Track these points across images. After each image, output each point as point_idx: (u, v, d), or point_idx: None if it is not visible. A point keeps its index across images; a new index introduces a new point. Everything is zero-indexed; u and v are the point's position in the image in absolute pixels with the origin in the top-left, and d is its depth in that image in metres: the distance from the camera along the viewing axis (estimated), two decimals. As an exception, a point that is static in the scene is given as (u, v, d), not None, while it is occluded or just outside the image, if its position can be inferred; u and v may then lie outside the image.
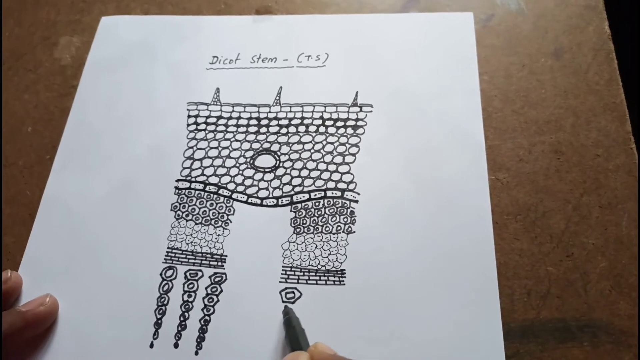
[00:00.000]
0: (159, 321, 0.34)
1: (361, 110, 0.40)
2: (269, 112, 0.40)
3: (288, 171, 0.38)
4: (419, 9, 0.44)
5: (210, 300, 0.34)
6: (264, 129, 0.40)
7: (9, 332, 0.32)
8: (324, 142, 0.39)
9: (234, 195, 0.38)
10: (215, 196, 0.38)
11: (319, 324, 0.33)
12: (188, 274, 0.35)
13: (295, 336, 0.31)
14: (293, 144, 0.39)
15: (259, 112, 0.40)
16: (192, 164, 0.39)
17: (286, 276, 0.35)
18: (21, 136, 0.42)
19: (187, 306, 0.34)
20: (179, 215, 0.37)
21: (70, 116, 0.42)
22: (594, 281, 0.33)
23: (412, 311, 0.33)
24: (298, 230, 0.36)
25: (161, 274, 0.35)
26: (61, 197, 0.39)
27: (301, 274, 0.35)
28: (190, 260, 0.36)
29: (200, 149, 0.40)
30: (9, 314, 0.32)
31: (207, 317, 0.34)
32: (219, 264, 0.36)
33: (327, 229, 0.36)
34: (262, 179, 0.38)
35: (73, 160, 0.40)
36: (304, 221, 0.36)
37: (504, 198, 0.36)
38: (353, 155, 0.38)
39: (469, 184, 0.36)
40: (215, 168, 0.39)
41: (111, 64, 0.44)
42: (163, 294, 0.35)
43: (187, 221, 0.37)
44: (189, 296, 0.35)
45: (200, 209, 0.37)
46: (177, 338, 0.33)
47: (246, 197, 0.37)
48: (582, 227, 0.34)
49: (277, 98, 0.41)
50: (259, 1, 0.46)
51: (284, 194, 0.37)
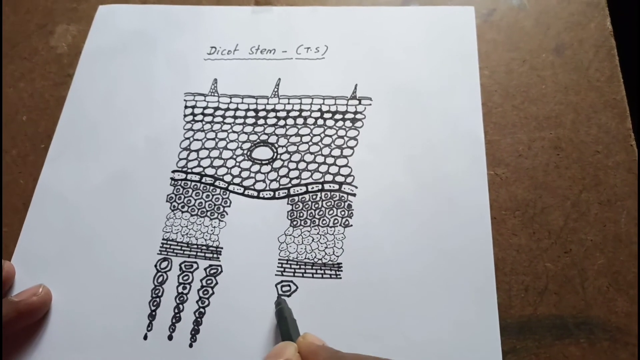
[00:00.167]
0: (153, 313, 0.34)
1: (360, 104, 0.39)
2: (267, 103, 0.40)
3: (285, 163, 0.38)
4: (420, 2, 0.43)
5: (205, 292, 0.34)
6: (261, 121, 0.39)
7: (1, 322, 0.31)
8: (322, 135, 0.38)
9: (231, 187, 0.37)
10: (212, 188, 0.37)
11: (314, 317, 0.32)
12: (183, 265, 0.35)
13: (286, 327, 0.31)
14: (291, 136, 0.39)
15: (256, 103, 0.40)
16: (188, 155, 0.39)
17: (282, 269, 0.34)
18: (16, 125, 0.42)
19: (182, 298, 0.34)
20: (174, 206, 0.37)
21: (66, 105, 0.42)
22: (592, 278, 0.33)
23: (409, 307, 0.32)
24: (295, 223, 0.36)
25: (156, 266, 0.35)
26: (55, 186, 0.38)
27: (297, 267, 0.34)
28: (186, 252, 0.35)
29: (197, 140, 0.39)
30: (2, 304, 0.32)
31: (201, 310, 0.34)
32: (215, 256, 0.35)
33: (324, 221, 0.35)
34: (259, 171, 0.38)
35: (68, 150, 0.40)
36: (301, 214, 0.36)
37: (503, 193, 0.36)
38: (351, 148, 0.38)
39: (468, 179, 0.36)
40: (212, 159, 0.38)
41: (108, 53, 0.44)
42: (157, 285, 0.35)
43: (183, 212, 0.37)
44: (184, 288, 0.34)
45: (196, 200, 0.37)
46: (172, 330, 0.33)
47: (243, 189, 0.37)
48: (580, 223, 0.34)
49: (276, 90, 0.40)
50: (258, -8, 0.45)
51: (281, 187, 0.37)
